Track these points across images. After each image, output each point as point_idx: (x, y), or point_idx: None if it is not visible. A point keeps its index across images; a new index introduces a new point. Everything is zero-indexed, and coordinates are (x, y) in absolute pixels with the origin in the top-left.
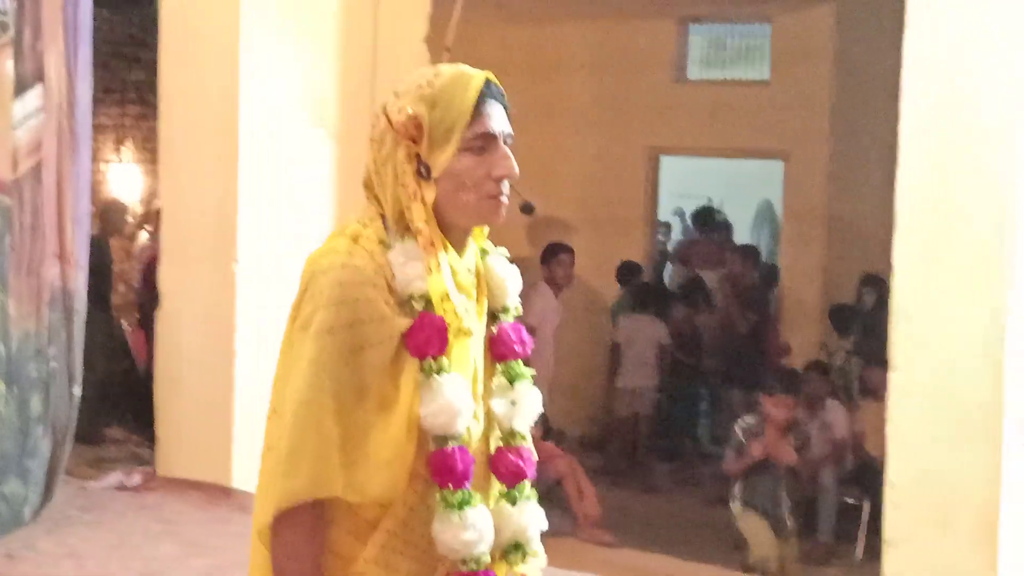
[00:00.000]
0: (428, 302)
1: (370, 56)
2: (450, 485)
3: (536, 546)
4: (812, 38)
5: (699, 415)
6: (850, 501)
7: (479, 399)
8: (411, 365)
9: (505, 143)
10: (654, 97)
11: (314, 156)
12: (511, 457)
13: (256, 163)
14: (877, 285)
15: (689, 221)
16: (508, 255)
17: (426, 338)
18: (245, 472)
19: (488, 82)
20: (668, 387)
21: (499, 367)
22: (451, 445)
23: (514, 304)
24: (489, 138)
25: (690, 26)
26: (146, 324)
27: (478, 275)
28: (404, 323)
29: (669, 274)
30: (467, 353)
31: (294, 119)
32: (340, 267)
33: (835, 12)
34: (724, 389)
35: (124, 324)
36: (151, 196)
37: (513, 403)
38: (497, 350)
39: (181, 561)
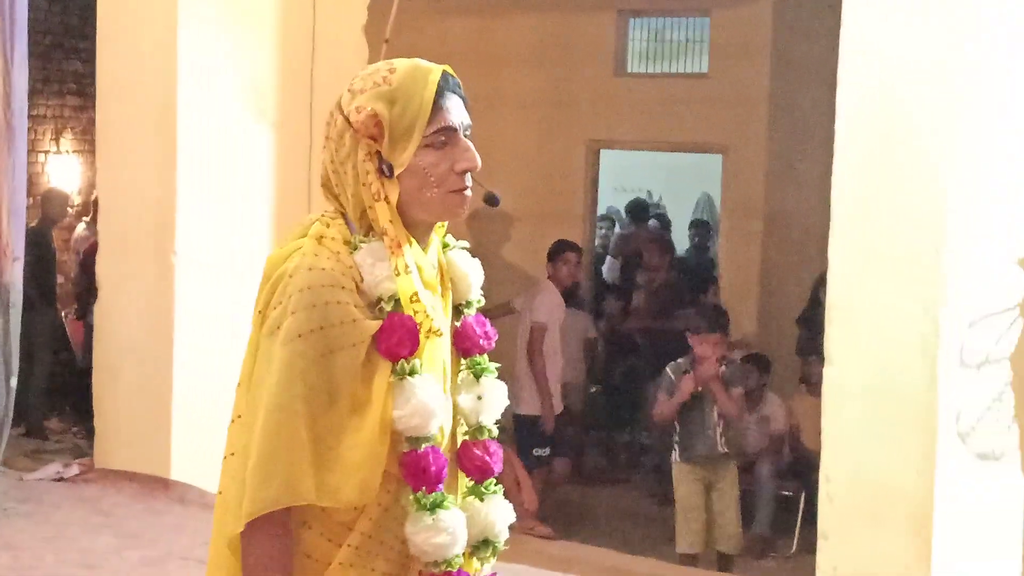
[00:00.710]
0: (397, 303)
1: (308, 45)
2: (423, 487)
3: (503, 538)
4: (750, 32)
5: (631, 409)
6: (787, 494)
7: (447, 395)
8: (383, 367)
9: (465, 135)
10: (594, 90)
11: (253, 146)
12: (477, 452)
13: (195, 153)
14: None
15: (624, 215)
16: (469, 247)
17: (398, 340)
18: (183, 464)
19: (445, 74)
20: (598, 380)
21: (464, 362)
22: (424, 446)
23: (477, 297)
24: (450, 132)
25: (630, 20)
26: (84, 315)
27: (441, 270)
28: (374, 325)
29: (608, 269)
30: (438, 352)
31: (233, 109)
32: (307, 270)
33: (773, 6)
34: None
35: (62, 315)
36: (90, 187)
37: (479, 398)
38: (462, 344)
39: (118, 553)
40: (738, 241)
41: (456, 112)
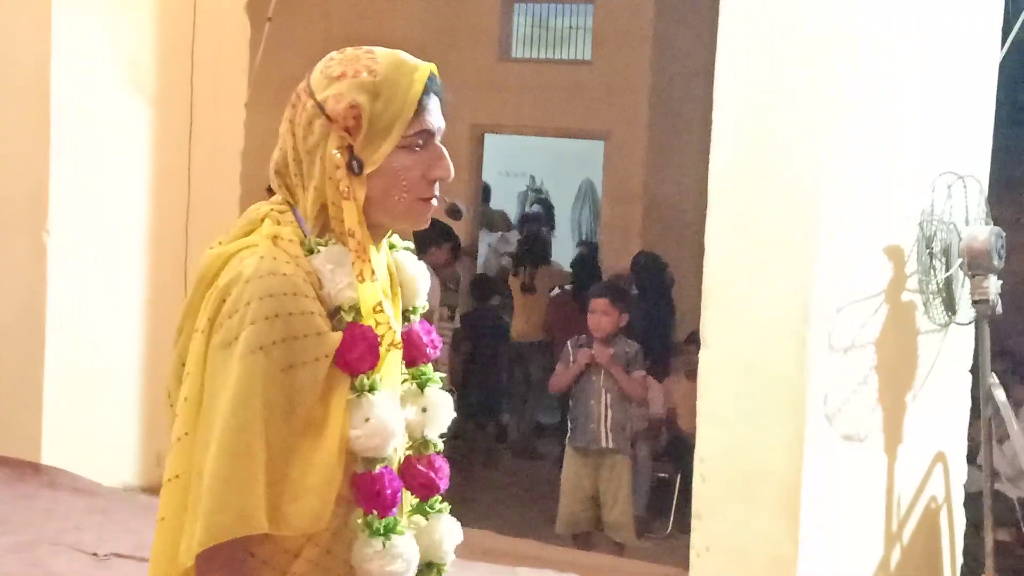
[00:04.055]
0: (358, 312)
1: (189, 21)
2: (375, 511)
3: (449, 560)
4: (633, 20)
5: (508, 395)
6: (663, 476)
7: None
8: (341, 383)
9: (439, 141)
10: (478, 75)
11: (130, 122)
12: (421, 468)
13: (69, 128)
14: None
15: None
16: (413, 249)
17: (359, 354)
18: (54, 448)
19: (431, 74)
20: (468, 369)
21: (408, 372)
22: (378, 468)
23: (423, 303)
24: (428, 135)
25: (515, 5)
26: None
27: (390, 273)
28: (337, 338)
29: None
30: (395, 366)
31: (110, 83)
32: (268, 275)
33: None
34: (533, 367)
35: None
36: None
37: (424, 410)
38: (408, 353)
39: None
40: (618, 226)
41: (436, 116)
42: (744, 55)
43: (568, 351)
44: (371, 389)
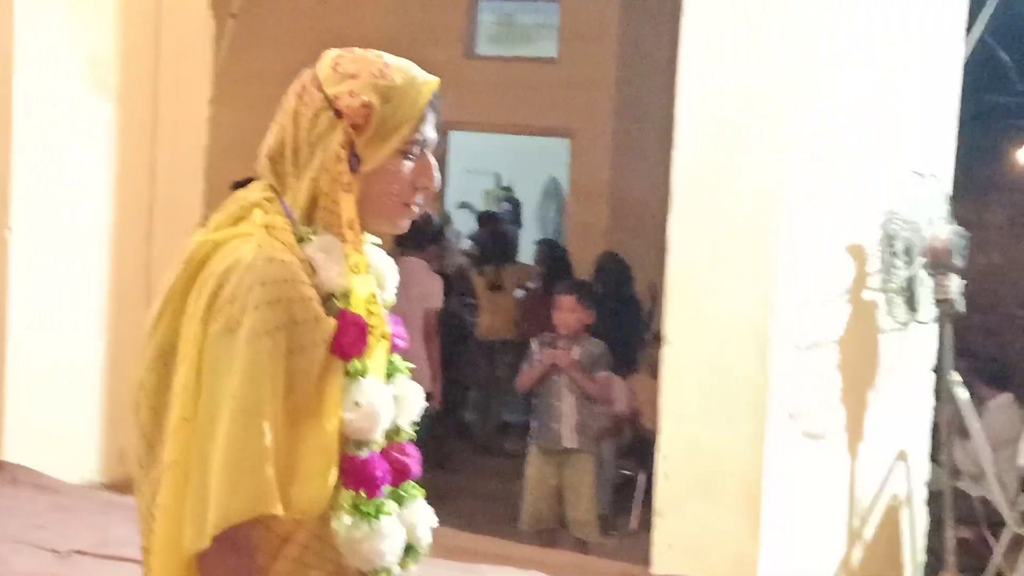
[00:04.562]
0: (347, 300)
1: (153, 18)
2: (362, 492)
3: (427, 543)
4: (598, 18)
5: (471, 392)
6: (627, 473)
7: None
8: (336, 368)
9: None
10: (444, 72)
11: (93, 119)
12: (395, 455)
13: (31, 124)
14: None
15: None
16: (380, 244)
17: (352, 339)
18: (16, 445)
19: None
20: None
21: None
22: (366, 451)
23: (392, 297)
24: (423, 146)
25: (480, 2)
26: None
27: None
28: (332, 323)
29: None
30: (381, 356)
31: (71, 79)
32: (267, 261)
33: None
34: (501, 365)
35: None
36: None
37: (395, 399)
38: None
39: None
40: (584, 224)
41: (432, 128)
42: (708, 53)
43: (533, 350)
44: (363, 373)
